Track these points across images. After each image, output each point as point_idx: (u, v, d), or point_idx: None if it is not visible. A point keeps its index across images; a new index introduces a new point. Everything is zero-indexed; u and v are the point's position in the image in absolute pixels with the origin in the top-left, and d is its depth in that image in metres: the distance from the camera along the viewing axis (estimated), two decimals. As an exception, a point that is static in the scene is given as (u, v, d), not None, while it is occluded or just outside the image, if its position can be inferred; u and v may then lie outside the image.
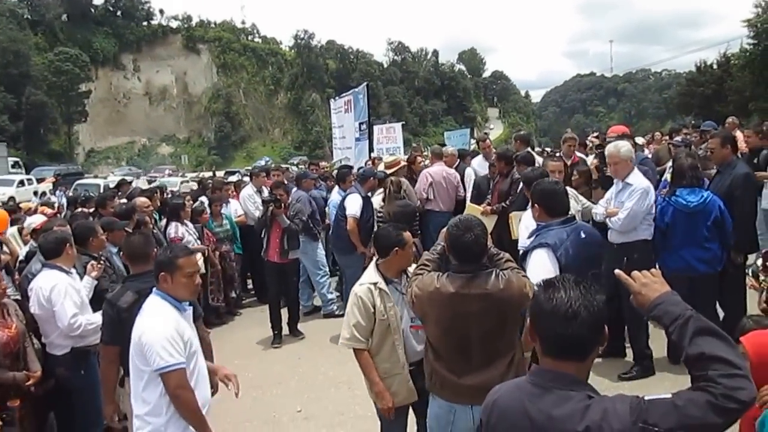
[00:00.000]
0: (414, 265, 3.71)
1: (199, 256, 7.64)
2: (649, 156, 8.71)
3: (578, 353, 1.79)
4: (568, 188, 5.38)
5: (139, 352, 3.15)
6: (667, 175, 6.84)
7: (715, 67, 44.25)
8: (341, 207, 7.47)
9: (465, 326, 3.12)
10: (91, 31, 78.19)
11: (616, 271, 2.05)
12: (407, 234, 3.80)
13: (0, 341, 4.03)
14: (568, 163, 7.40)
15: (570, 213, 3.94)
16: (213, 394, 4.17)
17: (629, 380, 5.55)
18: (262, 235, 7.51)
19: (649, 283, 1.88)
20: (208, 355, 4.18)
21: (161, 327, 3.13)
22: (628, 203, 5.48)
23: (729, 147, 6.08)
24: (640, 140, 9.97)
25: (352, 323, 3.69)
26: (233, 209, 9.37)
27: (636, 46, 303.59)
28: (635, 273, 1.94)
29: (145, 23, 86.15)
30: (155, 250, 4.18)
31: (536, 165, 7.30)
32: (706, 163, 6.61)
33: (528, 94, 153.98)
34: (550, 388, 1.76)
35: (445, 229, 3.43)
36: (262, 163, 51.23)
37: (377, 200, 7.58)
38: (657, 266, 5.58)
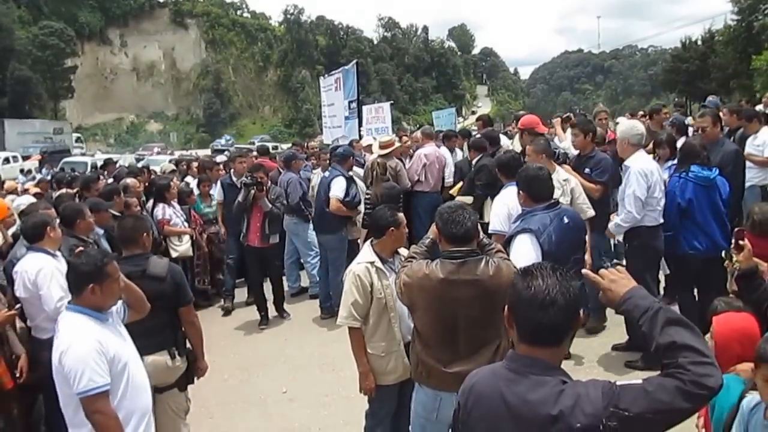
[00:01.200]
0: (405, 251, 3.81)
1: (186, 239, 7.73)
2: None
3: (554, 340, 1.84)
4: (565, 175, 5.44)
5: (60, 376, 2.97)
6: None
7: (699, 43, 44.23)
8: (327, 189, 7.48)
9: (453, 313, 3.15)
10: (76, 4, 76.86)
11: (583, 270, 2.12)
12: (401, 215, 3.92)
13: None
14: (607, 139, 7.18)
15: (554, 198, 3.98)
16: (191, 382, 4.23)
17: (635, 369, 5.40)
18: (243, 220, 7.38)
19: (617, 279, 1.94)
20: (197, 341, 4.21)
21: (81, 347, 2.93)
22: (628, 189, 5.32)
23: (719, 125, 6.18)
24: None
25: (350, 302, 3.75)
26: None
27: (624, 21, 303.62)
28: (602, 270, 1.99)
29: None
30: (145, 234, 4.20)
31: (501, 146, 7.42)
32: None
33: (517, 71, 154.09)
34: (525, 374, 1.81)
35: (434, 223, 3.44)
36: (223, 142, 50.64)
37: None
38: (663, 253, 5.64)
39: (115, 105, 78.29)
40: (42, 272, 4.32)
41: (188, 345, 4.19)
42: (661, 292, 7.04)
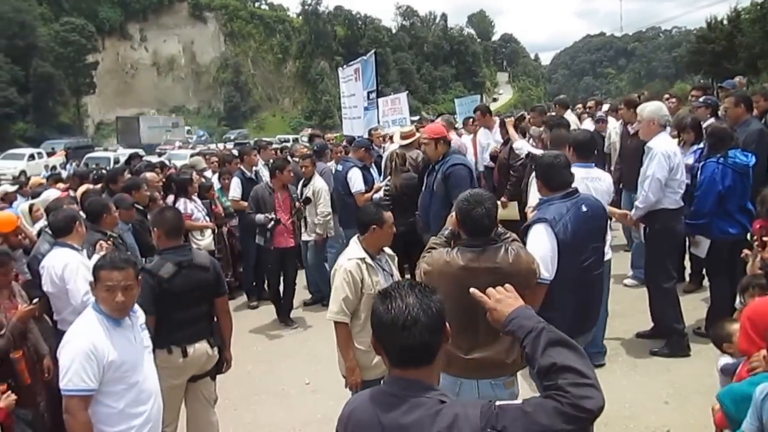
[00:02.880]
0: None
1: (208, 233, 7.78)
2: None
3: (424, 359, 1.78)
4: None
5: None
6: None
7: (725, 22, 43.28)
8: (344, 182, 7.47)
9: (473, 301, 3.15)
10: (97, 0, 77.51)
11: (471, 290, 2.07)
12: (388, 214, 3.97)
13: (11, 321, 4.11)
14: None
15: (572, 186, 3.93)
16: (221, 371, 4.29)
17: (660, 356, 5.45)
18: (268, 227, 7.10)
19: (503, 299, 1.93)
20: (228, 331, 4.34)
21: (74, 347, 3.00)
22: (649, 170, 5.28)
23: (743, 106, 6.06)
24: (571, 117, 9.04)
25: (341, 297, 3.83)
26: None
27: (647, 3, 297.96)
28: (489, 290, 1.99)
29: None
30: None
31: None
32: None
33: (537, 57, 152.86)
34: (402, 396, 1.76)
35: (452, 213, 3.46)
36: (233, 136, 51.62)
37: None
38: (688, 236, 5.59)
39: (135, 100, 78.86)
40: (68, 267, 4.39)
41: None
42: (686, 278, 7.02)
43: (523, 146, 6.81)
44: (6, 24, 56.42)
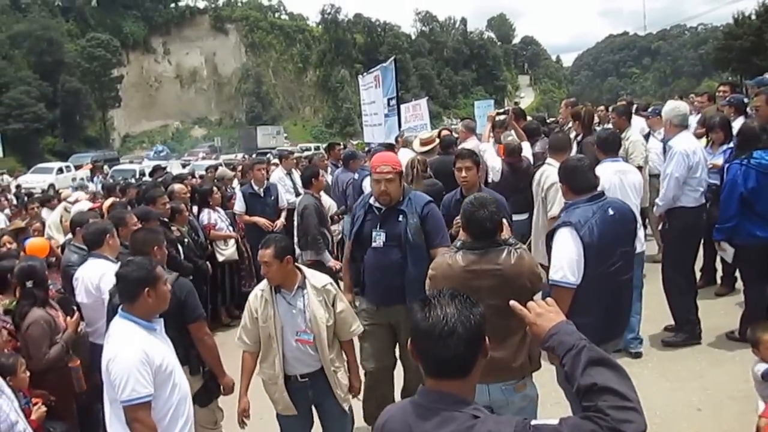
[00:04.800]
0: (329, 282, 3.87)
1: (231, 243, 7.81)
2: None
3: (459, 371, 1.75)
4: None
5: (108, 380, 3.06)
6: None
7: (753, 17, 42.51)
8: (360, 190, 7.45)
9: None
10: (121, 15, 78.75)
11: (511, 303, 2.01)
12: (296, 249, 3.95)
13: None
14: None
15: (599, 189, 3.87)
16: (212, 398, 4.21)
17: (672, 346, 5.51)
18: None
19: (544, 313, 1.88)
20: (211, 358, 4.06)
21: (128, 357, 2.99)
22: (668, 168, 5.38)
23: None
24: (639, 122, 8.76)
25: (241, 324, 3.88)
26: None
27: (671, 1, 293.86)
28: (531, 303, 1.94)
29: (172, 5, 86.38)
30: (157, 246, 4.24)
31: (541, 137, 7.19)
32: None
33: (559, 59, 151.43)
34: (435, 409, 1.73)
35: (460, 222, 3.45)
36: (161, 149, 52.71)
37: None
38: (719, 238, 5.52)
39: (160, 112, 79.96)
40: (105, 277, 4.38)
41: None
42: (718, 280, 6.86)
43: (486, 149, 6.89)
44: (35, 41, 57.71)
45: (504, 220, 3.42)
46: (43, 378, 4.05)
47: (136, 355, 2.99)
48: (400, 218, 4.34)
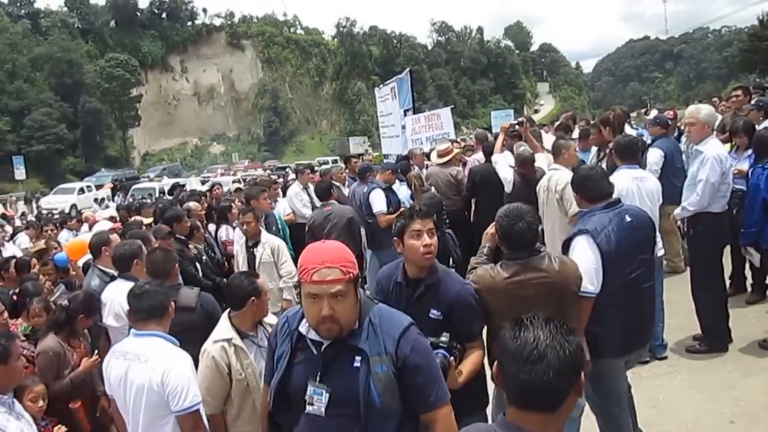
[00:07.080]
0: (272, 315, 3.70)
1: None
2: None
3: (543, 405, 1.56)
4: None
5: (157, 396, 3.00)
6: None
7: (780, 18, 42.00)
8: (366, 204, 7.38)
9: (524, 312, 3.04)
10: (139, 35, 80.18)
11: None
12: (261, 281, 3.54)
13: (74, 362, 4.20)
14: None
15: (614, 196, 3.77)
16: None
17: (696, 354, 5.35)
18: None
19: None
20: None
21: (183, 367, 3.04)
22: (701, 174, 5.13)
23: None
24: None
25: (205, 386, 3.24)
26: (281, 208, 9.30)
27: (693, 3, 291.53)
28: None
29: (189, 23, 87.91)
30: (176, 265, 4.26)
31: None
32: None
33: (579, 65, 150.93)
34: None
35: (489, 231, 3.39)
36: (162, 168, 52.98)
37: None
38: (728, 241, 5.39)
39: (178, 130, 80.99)
40: None
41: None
42: (748, 288, 6.68)
43: (498, 160, 6.81)
44: (55, 63, 58.89)
45: None
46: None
47: (188, 365, 3.09)
48: (357, 362, 2.28)
